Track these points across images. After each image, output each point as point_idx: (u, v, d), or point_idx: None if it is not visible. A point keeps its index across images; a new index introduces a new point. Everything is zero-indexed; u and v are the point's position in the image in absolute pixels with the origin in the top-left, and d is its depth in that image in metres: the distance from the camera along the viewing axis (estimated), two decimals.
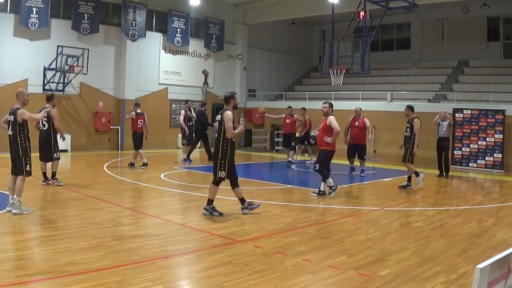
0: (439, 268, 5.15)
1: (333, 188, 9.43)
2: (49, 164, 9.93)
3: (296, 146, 16.07)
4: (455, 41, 21.49)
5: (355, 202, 9.13)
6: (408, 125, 11.07)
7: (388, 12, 16.20)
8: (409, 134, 10.97)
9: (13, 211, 7.07)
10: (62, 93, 17.31)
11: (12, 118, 7.25)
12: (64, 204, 8.09)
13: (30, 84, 16.38)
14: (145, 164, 13.16)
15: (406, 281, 4.73)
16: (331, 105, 9.71)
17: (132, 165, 13.33)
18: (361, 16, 15.24)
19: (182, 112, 15.11)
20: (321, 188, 9.58)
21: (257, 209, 7.77)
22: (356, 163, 13.18)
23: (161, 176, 11.91)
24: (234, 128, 7.45)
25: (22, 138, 7.23)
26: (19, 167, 7.22)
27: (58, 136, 9.89)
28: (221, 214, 7.47)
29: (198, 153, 18.60)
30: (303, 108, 15.98)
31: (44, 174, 9.93)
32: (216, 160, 7.47)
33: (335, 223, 7.37)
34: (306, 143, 16.20)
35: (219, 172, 7.42)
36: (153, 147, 19.79)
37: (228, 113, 7.37)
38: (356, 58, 14.90)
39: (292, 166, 15.10)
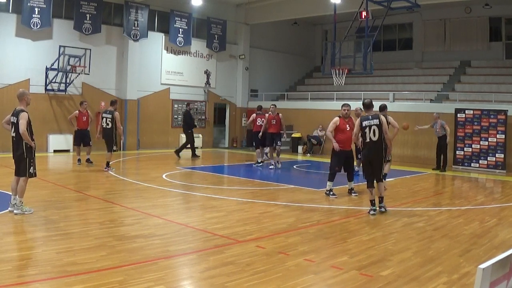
0: (441, 268, 5.14)
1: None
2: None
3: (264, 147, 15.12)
4: (457, 41, 21.44)
5: (357, 203, 9.12)
6: None
7: (390, 12, 16.18)
8: None
9: (15, 211, 7.07)
10: (64, 93, 17.34)
11: (15, 120, 7.10)
12: (66, 204, 8.09)
13: (32, 84, 16.40)
14: (79, 161, 13.75)
15: (408, 281, 4.73)
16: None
17: (88, 161, 13.76)
18: (363, 16, 15.23)
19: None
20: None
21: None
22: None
23: (163, 176, 11.92)
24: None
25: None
26: (22, 169, 7.15)
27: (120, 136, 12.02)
28: (386, 210, 8.16)
29: (200, 153, 18.59)
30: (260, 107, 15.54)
31: (108, 163, 12.49)
32: (381, 160, 8.08)
33: (337, 223, 7.37)
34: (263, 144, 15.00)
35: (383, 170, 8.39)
36: (155, 147, 19.84)
37: (384, 117, 8.21)
38: (358, 58, 14.86)
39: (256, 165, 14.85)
